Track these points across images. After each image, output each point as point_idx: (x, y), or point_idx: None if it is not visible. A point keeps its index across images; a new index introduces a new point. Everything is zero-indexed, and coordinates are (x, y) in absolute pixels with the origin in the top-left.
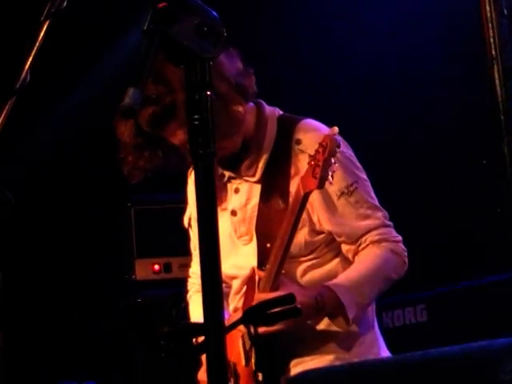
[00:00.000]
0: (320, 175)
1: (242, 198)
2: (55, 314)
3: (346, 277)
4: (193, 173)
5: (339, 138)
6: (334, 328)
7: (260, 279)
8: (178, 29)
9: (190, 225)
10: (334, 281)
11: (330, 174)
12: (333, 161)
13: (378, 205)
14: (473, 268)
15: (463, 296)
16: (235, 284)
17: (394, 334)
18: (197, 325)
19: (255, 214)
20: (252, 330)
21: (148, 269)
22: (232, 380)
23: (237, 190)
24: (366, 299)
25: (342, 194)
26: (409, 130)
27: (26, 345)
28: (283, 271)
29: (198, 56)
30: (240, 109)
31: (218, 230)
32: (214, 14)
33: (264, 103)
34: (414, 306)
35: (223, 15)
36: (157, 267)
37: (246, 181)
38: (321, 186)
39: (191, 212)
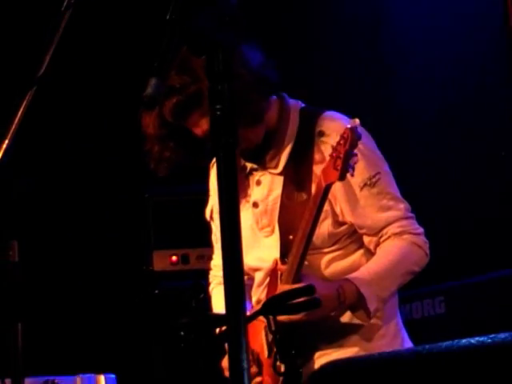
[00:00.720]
0: (341, 167)
1: (263, 189)
2: (73, 306)
3: (367, 269)
4: (215, 165)
5: (361, 130)
6: (357, 320)
7: (282, 271)
8: (199, 19)
9: (211, 217)
10: (355, 274)
11: (352, 165)
12: (354, 152)
13: (400, 196)
14: (492, 260)
15: (482, 288)
16: (258, 276)
17: (412, 326)
18: (216, 315)
19: (277, 205)
20: (272, 320)
21: (166, 260)
22: (255, 368)
23: (259, 182)
24: (387, 292)
25: (365, 185)
26: (428, 121)
27: (45, 336)
28: (306, 263)
29: (220, 46)
30: (262, 98)
31: (239, 221)
32: (235, 3)
33: (286, 96)
34: (433, 298)
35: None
36: (174, 258)
37: (269, 173)
38: (342, 177)
39: (213, 204)
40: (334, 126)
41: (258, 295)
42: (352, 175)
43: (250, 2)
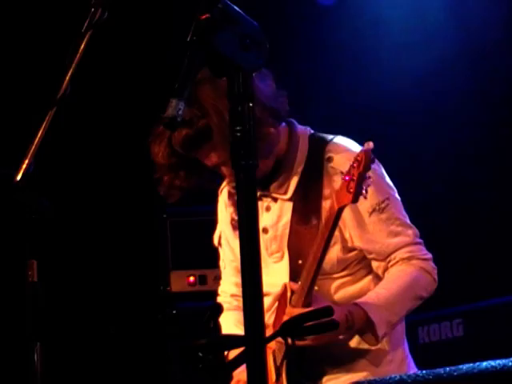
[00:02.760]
0: (354, 190)
1: (273, 215)
2: (90, 326)
3: (376, 294)
4: (223, 191)
5: (376, 164)
6: (365, 346)
7: (292, 294)
8: (220, 40)
9: (220, 243)
10: (364, 298)
11: (365, 188)
12: (368, 175)
13: (409, 222)
14: None
15: (502, 311)
16: (266, 301)
17: (429, 349)
18: (235, 337)
19: (287, 231)
20: (289, 342)
21: (183, 281)
22: None
23: (268, 208)
24: (396, 317)
25: (374, 210)
26: (439, 139)
27: (63, 356)
28: (316, 288)
29: (241, 67)
30: (273, 131)
31: (259, 242)
32: (257, 25)
33: (295, 122)
34: (451, 320)
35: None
36: (192, 279)
37: (278, 199)
38: (355, 200)
39: (221, 230)
40: (343, 153)
41: (265, 320)
42: (365, 198)
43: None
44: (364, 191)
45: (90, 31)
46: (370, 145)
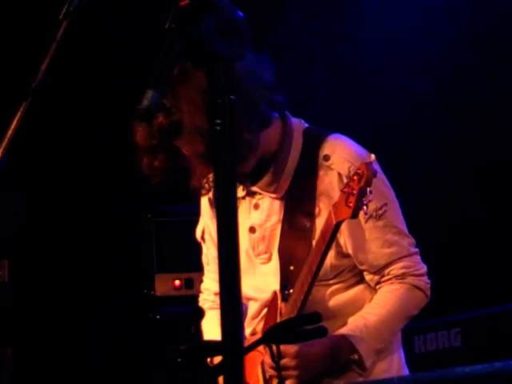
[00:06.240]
0: (354, 205)
1: (262, 214)
2: (71, 329)
3: (364, 322)
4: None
5: (376, 166)
6: None
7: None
8: (200, 28)
9: (203, 238)
10: (351, 327)
11: (365, 203)
12: (368, 190)
13: (406, 230)
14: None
15: (500, 320)
16: (253, 306)
17: (426, 358)
18: (216, 343)
19: (276, 232)
20: (275, 349)
21: (168, 284)
22: None
23: (256, 206)
24: (383, 344)
25: (370, 217)
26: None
27: (39, 360)
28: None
29: (222, 57)
30: (254, 136)
31: (238, 242)
32: (240, 13)
33: (289, 115)
34: (448, 329)
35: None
36: (178, 283)
37: (268, 197)
38: (354, 215)
39: (204, 224)
40: (341, 151)
41: (252, 326)
42: (365, 213)
43: None
44: (364, 206)
45: (68, 19)
46: (372, 157)
